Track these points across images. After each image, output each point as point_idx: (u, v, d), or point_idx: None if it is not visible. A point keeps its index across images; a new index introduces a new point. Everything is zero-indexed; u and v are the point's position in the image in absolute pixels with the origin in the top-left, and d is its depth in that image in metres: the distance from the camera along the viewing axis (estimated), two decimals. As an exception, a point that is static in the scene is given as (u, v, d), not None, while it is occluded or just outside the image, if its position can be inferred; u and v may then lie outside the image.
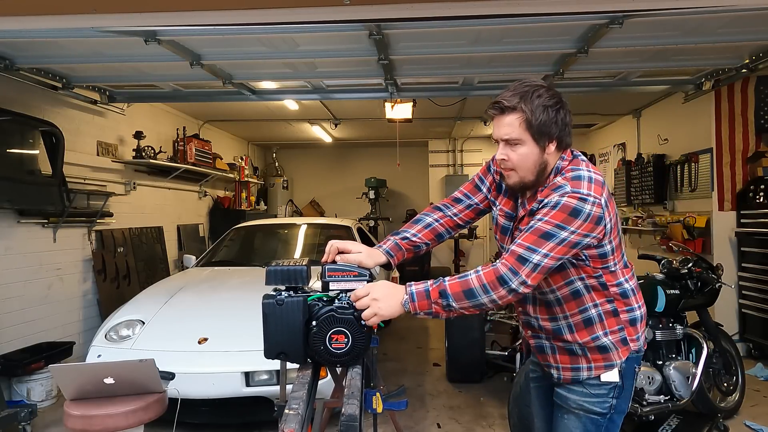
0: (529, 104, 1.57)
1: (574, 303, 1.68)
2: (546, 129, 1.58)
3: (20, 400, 4.04)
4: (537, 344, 1.83)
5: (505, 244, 1.79)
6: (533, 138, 1.59)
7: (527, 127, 1.58)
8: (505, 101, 1.60)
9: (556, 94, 1.61)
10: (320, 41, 3.86)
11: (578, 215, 1.51)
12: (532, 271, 1.49)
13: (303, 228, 5.98)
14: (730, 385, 3.89)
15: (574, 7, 2.98)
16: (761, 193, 5.01)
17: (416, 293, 1.53)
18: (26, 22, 3.03)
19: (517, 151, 1.61)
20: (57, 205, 4.68)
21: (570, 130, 1.65)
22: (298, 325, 1.45)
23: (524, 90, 1.59)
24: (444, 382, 4.75)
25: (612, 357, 1.69)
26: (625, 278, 1.71)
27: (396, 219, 10.29)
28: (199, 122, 7.84)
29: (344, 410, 1.29)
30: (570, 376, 1.73)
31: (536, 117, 1.57)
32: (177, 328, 3.75)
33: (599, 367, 1.69)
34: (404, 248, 1.80)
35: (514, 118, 1.59)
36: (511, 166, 1.64)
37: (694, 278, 3.59)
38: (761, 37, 3.79)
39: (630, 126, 7.38)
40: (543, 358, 1.82)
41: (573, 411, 1.74)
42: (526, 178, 1.64)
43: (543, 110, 1.57)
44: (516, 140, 1.60)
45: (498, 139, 1.65)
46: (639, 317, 1.73)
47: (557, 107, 1.59)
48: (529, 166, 1.62)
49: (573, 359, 1.72)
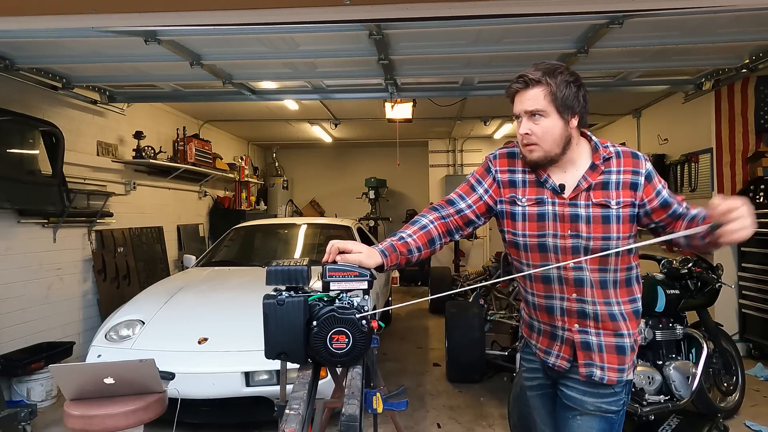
0: (553, 79, 1.60)
1: (626, 290, 1.71)
2: (570, 103, 1.61)
3: (20, 400, 4.04)
4: (583, 341, 1.71)
5: (552, 230, 1.69)
6: (558, 110, 1.61)
7: (552, 100, 1.60)
8: (530, 74, 1.63)
9: (575, 73, 1.66)
10: (320, 41, 3.86)
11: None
12: None
13: (303, 228, 5.98)
14: (730, 385, 3.90)
15: (574, 7, 2.98)
16: (761, 193, 5.01)
17: None
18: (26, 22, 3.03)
19: (541, 124, 1.62)
20: (57, 205, 4.68)
21: (588, 109, 1.68)
22: (298, 325, 1.44)
23: (547, 67, 1.63)
24: (444, 382, 4.75)
25: (626, 361, 1.72)
26: (636, 263, 1.78)
27: (396, 219, 10.29)
28: (199, 122, 7.84)
29: (344, 410, 1.29)
30: (615, 378, 1.69)
31: (561, 90, 1.60)
32: (177, 328, 3.75)
33: (612, 369, 1.70)
34: (399, 250, 1.68)
35: (538, 91, 1.61)
36: (534, 140, 1.64)
37: (694, 278, 3.60)
38: (761, 37, 3.79)
39: (630, 126, 7.38)
40: (586, 356, 1.71)
41: (590, 413, 1.71)
42: (552, 152, 1.64)
43: (566, 85, 1.60)
44: (541, 111, 1.61)
45: (520, 113, 1.65)
46: (641, 309, 1.79)
47: (578, 84, 1.64)
48: (555, 138, 1.63)
49: (621, 359, 1.70)
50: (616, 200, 1.66)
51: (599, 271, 1.68)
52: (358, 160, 10.94)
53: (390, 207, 10.76)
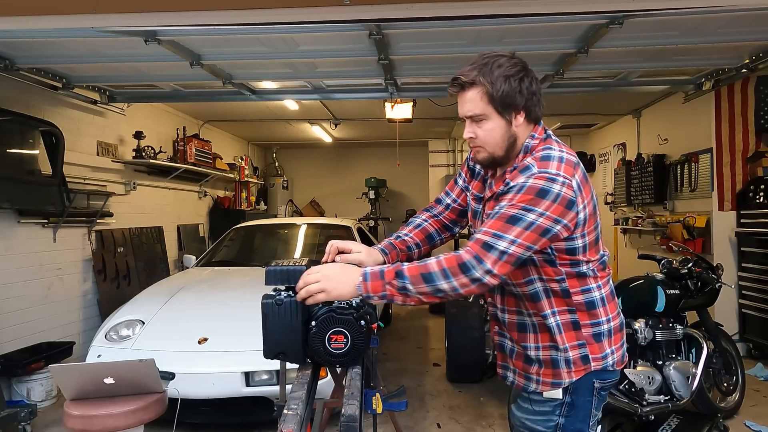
0: (488, 76, 1.47)
1: (532, 305, 1.57)
2: (510, 100, 1.48)
3: (20, 400, 4.04)
4: (500, 342, 1.71)
5: (476, 229, 1.66)
6: (497, 111, 1.49)
7: (489, 101, 1.48)
8: (462, 77, 1.50)
9: (519, 62, 1.50)
10: (320, 41, 3.85)
11: (545, 195, 1.39)
12: (498, 259, 1.38)
13: (303, 228, 5.98)
14: (730, 385, 3.89)
15: (574, 7, 2.98)
16: (761, 193, 5.01)
17: (370, 273, 1.43)
18: (26, 22, 3.03)
19: (483, 127, 1.52)
20: (57, 205, 4.68)
21: (539, 100, 1.53)
22: (297, 325, 1.44)
23: (483, 62, 1.49)
24: (444, 382, 4.74)
25: (561, 375, 1.55)
26: (597, 285, 1.56)
27: (396, 219, 10.29)
28: (199, 122, 7.84)
29: (344, 410, 1.29)
30: (522, 384, 1.63)
31: (497, 89, 1.46)
32: (177, 328, 3.75)
33: (546, 383, 1.57)
34: (398, 248, 1.74)
35: (474, 93, 1.49)
36: (479, 143, 1.55)
37: (694, 278, 3.60)
38: (761, 37, 3.79)
39: (630, 126, 7.37)
40: (503, 358, 1.71)
41: (518, 429, 1.65)
42: (496, 154, 1.54)
43: (504, 80, 1.46)
44: (480, 116, 1.51)
45: (463, 116, 1.55)
46: (607, 332, 1.57)
47: (520, 76, 1.48)
48: (497, 141, 1.52)
49: (526, 367, 1.61)
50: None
51: (506, 285, 1.60)
52: (358, 160, 10.93)
53: (390, 207, 10.75)
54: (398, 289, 1.41)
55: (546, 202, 1.39)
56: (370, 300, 1.44)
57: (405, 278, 1.40)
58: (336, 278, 1.43)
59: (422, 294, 1.41)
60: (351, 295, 1.43)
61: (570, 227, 1.44)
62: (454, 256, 1.41)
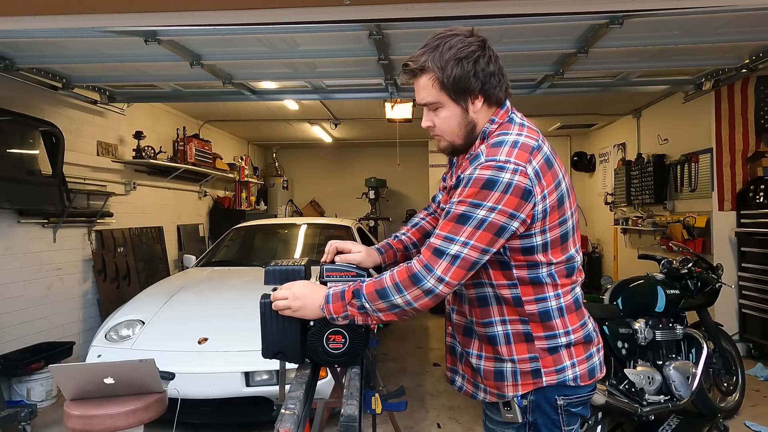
0: (438, 61, 1.34)
1: (479, 310, 1.44)
2: (463, 84, 1.35)
3: (20, 400, 4.04)
4: (451, 344, 1.59)
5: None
6: (451, 98, 1.37)
7: (441, 87, 1.36)
8: (411, 63, 1.38)
9: (473, 41, 1.36)
10: (320, 41, 3.86)
11: (493, 186, 1.24)
12: (450, 265, 1.26)
13: (303, 228, 5.98)
14: (730, 385, 3.89)
15: (574, 7, 2.99)
16: (761, 193, 5.01)
17: (332, 295, 1.36)
18: (26, 22, 3.03)
19: (440, 115, 1.41)
20: (57, 205, 4.68)
21: (499, 81, 1.40)
22: (295, 325, 1.45)
23: (435, 44, 1.36)
24: (444, 382, 4.72)
25: (505, 388, 1.41)
26: (555, 293, 1.39)
27: (396, 219, 10.28)
28: (199, 122, 7.84)
29: (343, 410, 1.29)
30: (471, 391, 1.52)
31: (448, 74, 1.34)
32: (177, 328, 3.75)
33: (492, 394, 1.45)
34: (395, 247, 1.72)
35: (426, 80, 1.37)
36: (438, 132, 1.46)
37: (694, 278, 3.59)
38: (761, 37, 3.79)
39: (630, 126, 7.37)
40: (452, 361, 1.59)
41: None
42: (455, 143, 1.45)
43: (456, 64, 1.33)
44: (434, 104, 1.40)
45: (419, 104, 1.44)
46: (565, 345, 1.40)
47: (475, 56, 1.34)
48: (454, 129, 1.42)
49: (474, 374, 1.49)
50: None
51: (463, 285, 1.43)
52: (358, 160, 10.93)
53: (390, 207, 10.75)
54: (358, 308, 1.33)
55: (495, 194, 1.25)
56: (335, 322, 1.37)
57: (362, 296, 1.32)
58: (303, 298, 1.38)
59: (381, 311, 1.32)
60: (315, 316, 1.38)
61: (527, 221, 1.29)
62: (405, 267, 1.32)
